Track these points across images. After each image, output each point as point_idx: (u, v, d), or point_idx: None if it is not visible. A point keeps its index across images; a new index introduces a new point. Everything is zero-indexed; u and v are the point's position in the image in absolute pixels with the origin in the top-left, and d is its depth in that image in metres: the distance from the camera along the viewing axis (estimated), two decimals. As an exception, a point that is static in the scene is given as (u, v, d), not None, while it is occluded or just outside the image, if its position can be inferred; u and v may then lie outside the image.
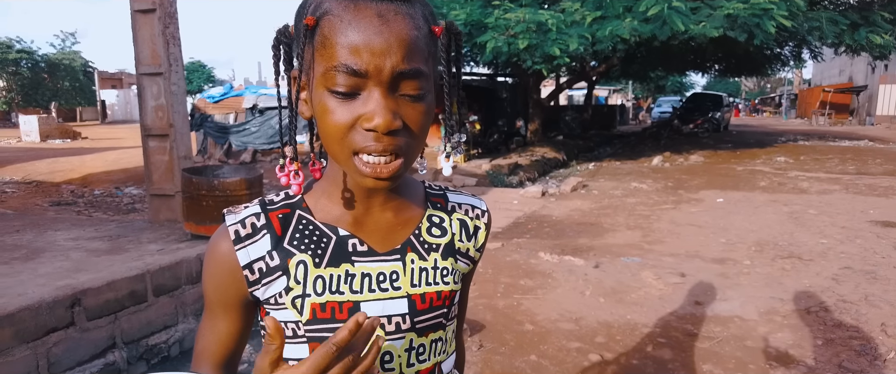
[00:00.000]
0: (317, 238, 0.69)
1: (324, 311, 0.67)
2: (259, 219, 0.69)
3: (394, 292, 0.69)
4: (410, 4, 0.60)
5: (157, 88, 4.90)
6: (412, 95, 0.60)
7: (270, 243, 0.68)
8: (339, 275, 0.68)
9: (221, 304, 0.72)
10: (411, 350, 0.70)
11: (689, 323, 3.35)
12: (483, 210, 0.79)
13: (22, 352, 2.88)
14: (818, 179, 8.83)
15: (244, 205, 0.71)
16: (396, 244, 0.71)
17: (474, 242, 0.77)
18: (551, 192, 8.28)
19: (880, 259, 4.51)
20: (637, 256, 4.79)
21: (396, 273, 0.70)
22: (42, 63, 40.04)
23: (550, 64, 8.94)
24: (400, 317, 0.69)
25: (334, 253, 0.68)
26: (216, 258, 0.70)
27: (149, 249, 4.09)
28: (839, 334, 3.16)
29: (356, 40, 0.57)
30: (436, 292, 0.71)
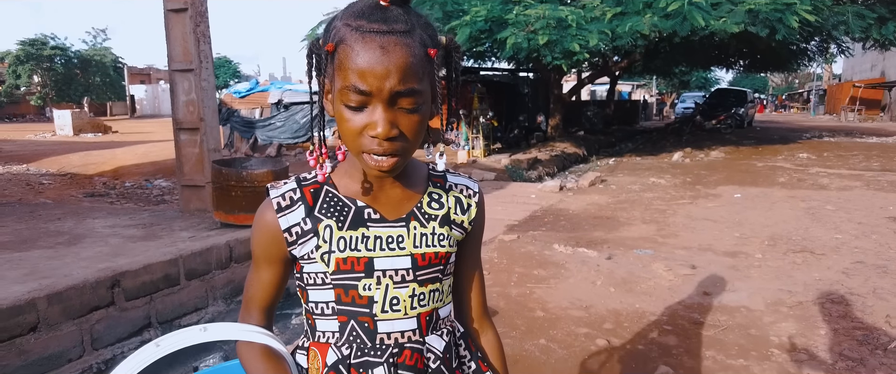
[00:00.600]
0: (340, 208, 0.85)
1: (345, 264, 0.84)
2: (295, 193, 0.86)
3: (400, 251, 0.85)
4: (409, 35, 0.75)
5: (188, 84, 5.13)
6: (408, 109, 0.76)
7: (304, 211, 0.85)
8: (357, 236, 0.84)
9: (266, 260, 0.90)
10: (414, 297, 0.86)
11: (695, 312, 3.45)
12: (475, 191, 0.95)
13: (69, 327, 3.12)
14: (839, 175, 8.76)
15: (283, 181, 0.88)
16: (403, 214, 0.87)
17: (467, 215, 0.92)
18: (569, 186, 8.37)
19: (894, 254, 4.54)
20: (650, 248, 4.88)
21: (402, 236, 0.86)
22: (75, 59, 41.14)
23: (570, 60, 9.02)
24: (404, 270, 0.85)
25: (353, 219, 0.85)
26: (263, 224, 0.87)
27: (181, 236, 4.32)
28: (843, 324, 3.24)
29: (363, 66, 0.73)
30: (433, 252, 0.87)
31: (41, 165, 13.63)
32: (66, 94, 39.19)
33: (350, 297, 0.85)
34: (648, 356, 2.91)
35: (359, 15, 0.75)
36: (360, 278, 0.85)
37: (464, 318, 0.99)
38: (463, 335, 0.96)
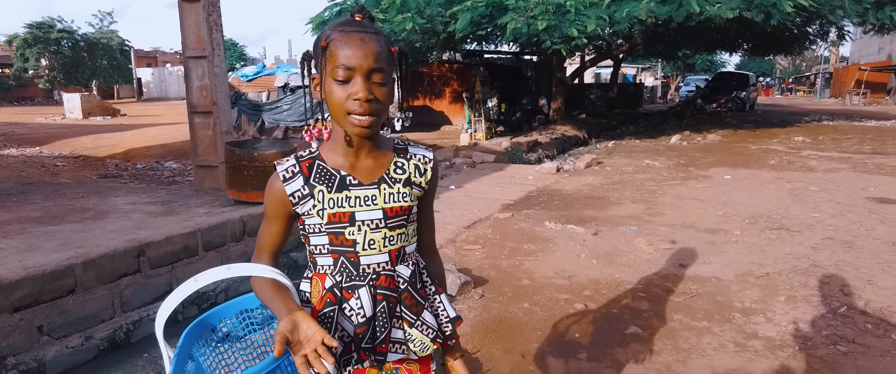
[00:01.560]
0: (328, 176, 1.17)
1: (335, 217, 1.16)
2: (295, 167, 1.17)
3: (374, 206, 1.17)
4: (377, 35, 1.09)
5: (201, 70, 5.44)
6: (379, 83, 1.08)
7: (302, 181, 1.16)
8: (342, 197, 1.16)
9: (275, 216, 1.21)
10: (385, 238, 1.18)
11: (669, 282, 3.77)
12: (430, 158, 1.26)
13: (101, 291, 3.48)
14: (829, 158, 9.00)
15: (286, 158, 1.19)
16: (375, 178, 1.18)
17: (424, 177, 1.24)
18: (566, 168, 8.66)
19: (863, 231, 4.83)
20: (635, 225, 5.19)
21: (375, 195, 1.17)
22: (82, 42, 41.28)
23: (569, 45, 9.24)
24: (378, 220, 1.17)
25: (339, 184, 1.16)
26: (273, 190, 1.18)
27: (197, 212, 4.66)
28: (802, 292, 3.55)
29: (348, 51, 1.05)
30: (399, 206, 1.19)
31: (53, 148, 13.98)
32: (74, 77, 39.43)
33: (339, 240, 1.17)
34: (621, 318, 3.23)
35: (342, 24, 1.10)
36: (345, 227, 1.16)
37: (420, 250, 1.31)
38: (425, 267, 1.29)
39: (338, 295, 1.17)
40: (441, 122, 19.09)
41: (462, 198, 6.62)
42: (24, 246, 3.58)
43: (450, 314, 1.28)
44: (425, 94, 19.61)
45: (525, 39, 9.69)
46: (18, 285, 3.04)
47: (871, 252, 4.27)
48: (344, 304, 1.17)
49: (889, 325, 3.06)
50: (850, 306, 3.32)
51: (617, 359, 2.76)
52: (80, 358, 3.33)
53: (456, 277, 3.62)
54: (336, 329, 1.16)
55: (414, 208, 1.23)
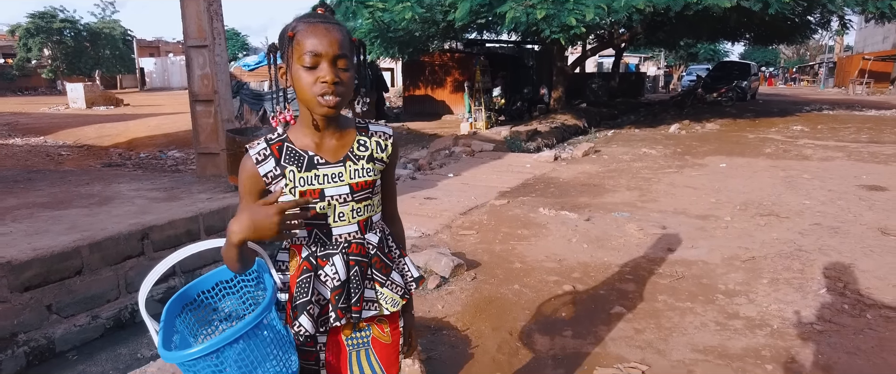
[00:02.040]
0: (297, 157, 1.26)
1: (306, 194, 1.26)
2: (266, 150, 1.26)
3: (341, 183, 1.28)
4: (339, 25, 1.20)
5: (203, 59, 5.53)
6: (343, 68, 1.18)
7: (274, 162, 1.25)
8: (311, 175, 1.26)
9: (250, 194, 1.29)
10: (353, 211, 1.30)
11: (656, 265, 3.88)
12: (390, 134, 1.37)
13: (107, 273, 3.61)
14: (825, 147, 9.07)
15: (256, 141, 1.28)
16: (340, 157, 1.29)
17: (385, 153, 1.35)
18: (564, 156, 8.75)
19: (850, 217, 4.93)
20: (628, 212, 5.30)
21: (342, 173, 1.28)
22: (84, 32, 41.31)
23: (567, 34, 9.29)
24: (346, 195, 1.28)
25: (307, 164, 1.26)
26: (246, 170, 1.28)
27: (199, 198, 4.78)
28: (785, 275, 3.66)
29: (314, 40, 1.15)
30: (364, 181, 1.30)
31: (57, 138, 14.11)
32: (77, 67, 39.52)
33: (312, 215, 1.27)
34: (607, 298, 3.35)
35: (307, 16, 1.21)
36: (317, 202, 1.26)
37: (384, 217, 1.43)
38: (390, 233, 1.42)
39: (313, 263, 1.28)
40: (442, 111, 19.17)
41: (459, 186, 6.73)
42: (33, 229, 3.71)
43: (413, 274, 1.41)
44: (426, 83, 19.68)
45: (524, 28, 9.74)
46: (28, 265, 3.17)
47: (856, 237, 4.37)
48: (319, 271, 1.28)
49: (865, 305, 3.17)
50: (829, 288, 3.43)
51: (600, 336, 2.88)
52: (88, 336, 3.46)
53: (449, 260, 3.74)
54: (313, 293, 1.28)
55: (377, 181, 1.34)
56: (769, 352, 2.70)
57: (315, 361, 1.36)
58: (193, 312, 1.38)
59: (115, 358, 3.30)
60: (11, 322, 3.12)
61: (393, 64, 26.90)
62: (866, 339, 2.80)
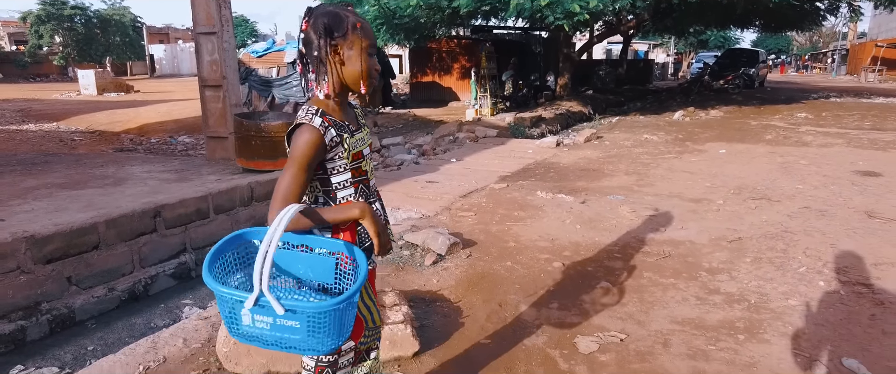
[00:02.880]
0: (342, 126, 1.51)
1: (355, 155, 1.55)
2: (324, 122, 1.44)
3: (365, 145, 1.63)
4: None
5: (211, 46, 5.72)
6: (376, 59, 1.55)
7: (333, 131, 1.46)
8: (354, 140, 1.55)
9: (310, 165, 1.42)
10: (373, 166, 1.64)
11: (645, 244, 4.04)
12: (358, 106, 1.74)
13: (122, 248, 3.83)
14: (826, 133, 9.13)
15: (311, 117, 1.43)
16: (358, 125, 1.61)
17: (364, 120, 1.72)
18: (566, 142, 8.88)
19: (840, 201, 5.05)
20: (623, 195, 5.44)
21: (365, 137, 1.64)
22: (94, 19, 41.58)
23: (571, 20, 9.37)
24: (369, 154, 1.62)
25: (349, 131, 1.53)
26: (314, 141, 1.41)
27: (209, 179, 4.99)
28: (768, 255, 3.81)
29: (372, 34, 1.52)
30: (371, 142, 1.62)
31: (70, 124, 14.37)
32: (88, 53, 39.82)
33: (357, 173, 1.56)
34: (594, 275, 3.52)
35: (352, 11, 1.51)
36: (360, 162, 1.57)
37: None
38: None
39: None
40: (449, 98, 19.27)
41: (461, 170, 6.89)
42: (53, 207, 3.93)
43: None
44: (434, 70, 19.76)
45: (528, 15, 9.83)
46: (50, 239, 3.39)
47: (842, 220, 4.49)
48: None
49: (839, 282, 3.31)
50: (809, 267, 3.57)
51: (584, 308, 3.05)
52: (105, 307, 3.69)
53: (446, 238, 3.92)
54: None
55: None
56: (743, 324, 2.86)
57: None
58: (235, 254, 1.42)
59: (131, 327, 3.53)
60: (35, 292, 3.34)
61: (401, 51, 26.96)
62: (835, 312, 2.95)
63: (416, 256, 3.85)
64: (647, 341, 2.71)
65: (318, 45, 1.43)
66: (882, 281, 3.31)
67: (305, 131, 1.41)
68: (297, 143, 1.41)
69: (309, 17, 1.46)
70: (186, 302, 3.85)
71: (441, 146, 9.21)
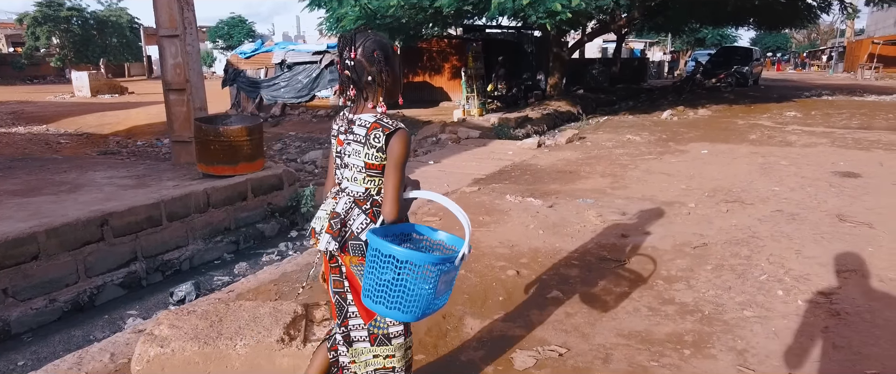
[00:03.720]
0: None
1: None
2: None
3: None
4: None
5: (175, 49, 5.61)
6: None
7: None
8: None
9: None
10: None
11: (606, 251, 3.93)
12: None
13: (65, 258, 3.72)
14: (812, 133, 9.00)
15: (397, 122, 1.75)
16: None
17: None
18: (548, 143, 8.76)
19: (814, 204, 4.93)
20: (594, 198, 5.33)
21: None
22: (91, 20, 41.50)
23: (553, 19, 9.25)
24: None
25: None
26: (409, 141, 1.76)
27: (166, 185, 4.88)
28: (731, 261, 3.69)
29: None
30: None
31: (60, 126, 14.28)
32: (85, 55, 39.74)
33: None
34: (548, 283, 3.40)
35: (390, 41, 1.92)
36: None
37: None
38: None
39: None
40: (440, 98, 19.13)
41: (436, 173, 6.78)
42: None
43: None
44: (424, 70, 19.63)
45: (510, 14, 9.71)
46: (-20, 250, 3.28)
47: (812, 224, 4.37)
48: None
49: (798, 291, 3.20)
50: (770, 275, 3.45)
51: (530, 320, 2.94)
52: (45, 319, 3.58)
53: (399, 245, 3.81)
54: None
55: None
56: (692, 337, 2.75)
57: None
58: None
59: (68, 340, 3.42)
60: (-37, 305, 3.23)
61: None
62: (788, 324, 2.83)
63: (369, 264, 3.74)
64: (588, 356, 2.60)
65: (372, 71, 1.72)
66: (841, 290, 3.19)
67: (405, 136, 1.74)
68: (401, 147, 1.74)
69: (353, 45, 1.71)
70: (131, 313, 3.75)
71: (423, 148, 9.10)
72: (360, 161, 1.76)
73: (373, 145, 1.73)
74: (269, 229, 5.17)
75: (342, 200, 1.81)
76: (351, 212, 1.78)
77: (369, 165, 1.75)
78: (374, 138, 1.72)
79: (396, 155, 1.72)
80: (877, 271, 3.44)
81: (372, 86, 1.73)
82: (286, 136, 12.24)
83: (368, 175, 1.77)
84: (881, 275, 3.39)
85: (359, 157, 1.76)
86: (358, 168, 1.77)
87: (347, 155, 1.79)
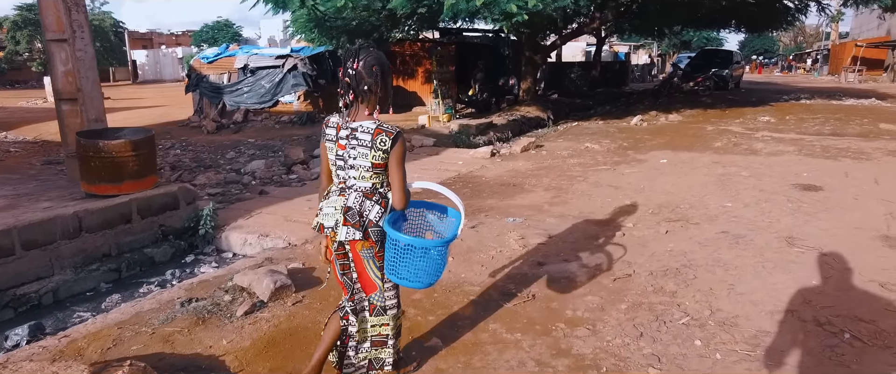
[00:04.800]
0: None
1: None
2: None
3: None
4: None
5: (65, 54, 5.06)
6: None
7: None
8: None
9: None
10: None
11: (514, 283, 3.41)
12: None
13: None
14: (781, 140, 8.54)
15: (396, 128, 2.06)
16: None
17: None
18: (503, 152, 8.27)
19: (765, 224, 4.43)
20: (526, 215, 4.82)
21: None
22: (73, 24, 40.86)
23: (510, 21, 8.76)
24: None
25: None
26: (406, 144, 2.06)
27: (39, 206, 4.33)
28: (651, 299, 3.18)
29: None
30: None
31: (21, 132, 13.69)
32: (65, 59, 39.05)
33: None
34: (431, 328, 2.88)
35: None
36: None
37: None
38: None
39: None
40: (414, 103, 18.60)
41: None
42: None
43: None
44: (398, 74, 19.09)
45: (464, 17, 9.22)
46: None
47: (758, 249, 3.88)
48: None
49: (721, 341, 2.69)
50: (693, 316, 2.95)
51: (387, 382, 2.42)
52: None
53: (271, 281, 3.28)
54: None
55: None
56: (576, 404, 2.24)
57: None
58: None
59: None
60: None
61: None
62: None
63: (235, 302, 3.22)
64: (437, 435, 2.08)
65: (368, 82, 2.01)
66: (770, 338, 2.69)
67: (403, 138, 2.05)
68: (403, 147, 2.05)
69: (357, 58, 2.01)
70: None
71: (371, 157, 8.57)
72: (367, 162, 2.04)
73: (379, 148, 2.01)
74: (160, 254, 4.62)
75: (351, 196, 2.09)
76: (364, 205, 2.07)
77: (376, 165, 2.04)
78: (380, 143, 2.01)
79: (399, 154, 2.04)
80: (816, 312, 2.94)
81: (367, 95, 2.02)
82: (244, 143, 11.71)
83: (375, 173, 2.06)
84: (820, 316, 2.89)
85: (366, 159, 2.03)
86: (365, 168, 2.05)
87: (353, 158, 2.06)
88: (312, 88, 14.29)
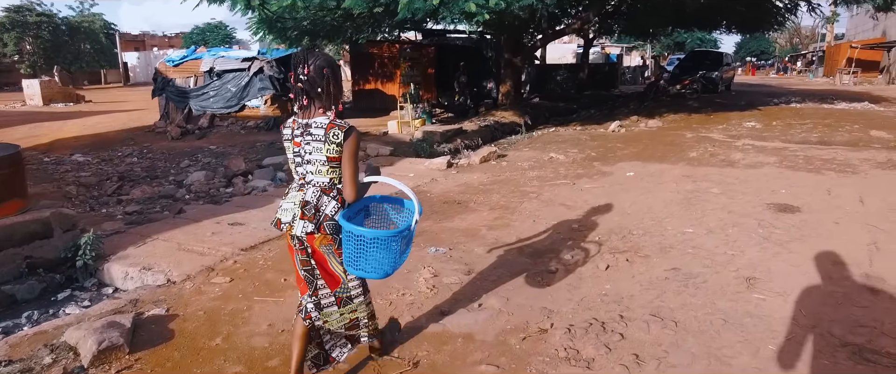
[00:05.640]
0: None
1: None
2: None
3: None
4: None
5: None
6: None
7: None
8: None
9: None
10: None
11: (401, 343, 2.76)
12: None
13: None
14: (763, 149, 7.88)
15: (348, 124, 2.14)
16: None
17: None
18: (461, 162, 7.62)
19: (726, 258, 3.77)
20: (458, 243, 4.18)
21: None
22: (63, 26, 40.33)
23: (470, 21, 8.12)
24: None
25: None
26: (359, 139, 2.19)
27: None
28: (561, 369, 2.53)
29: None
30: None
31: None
32: (56, 61, 38.52)
33: None
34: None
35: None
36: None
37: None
38: None
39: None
40: (392, 106, 17.91)
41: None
42: None
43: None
44: (376, 77, 18.47)
45: (421, 17, 8.58)
46: None
47: (712, 293, 3.22)
48: None
49: (629, 438, 2.04)
50: (609, 392, 2.30)
51: None
52: None
53: (96, 340, 2.63)
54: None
55: None
56: None
57: None
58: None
59: None
60: None
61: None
62: None
63: (53, 367, 2.58)
64: None
65: (321, 84, 2.13)
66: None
67: (356, 133, 2.15)
68: (354, 142, 2.13)
69: (307, 63, 2.12)
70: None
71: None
72: (322, 156, 2.12)
73: (332, 141, 2.10)
74: (24, 291, 3.96)
75: (309, 190, 2.16)
76: (321, 200, 2.15)
77: (331, 158, 2.11)
78: (332, 136, 2.09)
79: (351, 149, 2.12)
80: (766, 390, 2.29)
81: (321, 96, 2.14)
82: (204, 150, 11.13)
83: (331, 167, 2.13)
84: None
85: (321, 153, 2.12)
86: (321, 162, 2.13)
87: (309, 153, 2.14)
88: (280, 92, 13.66)
